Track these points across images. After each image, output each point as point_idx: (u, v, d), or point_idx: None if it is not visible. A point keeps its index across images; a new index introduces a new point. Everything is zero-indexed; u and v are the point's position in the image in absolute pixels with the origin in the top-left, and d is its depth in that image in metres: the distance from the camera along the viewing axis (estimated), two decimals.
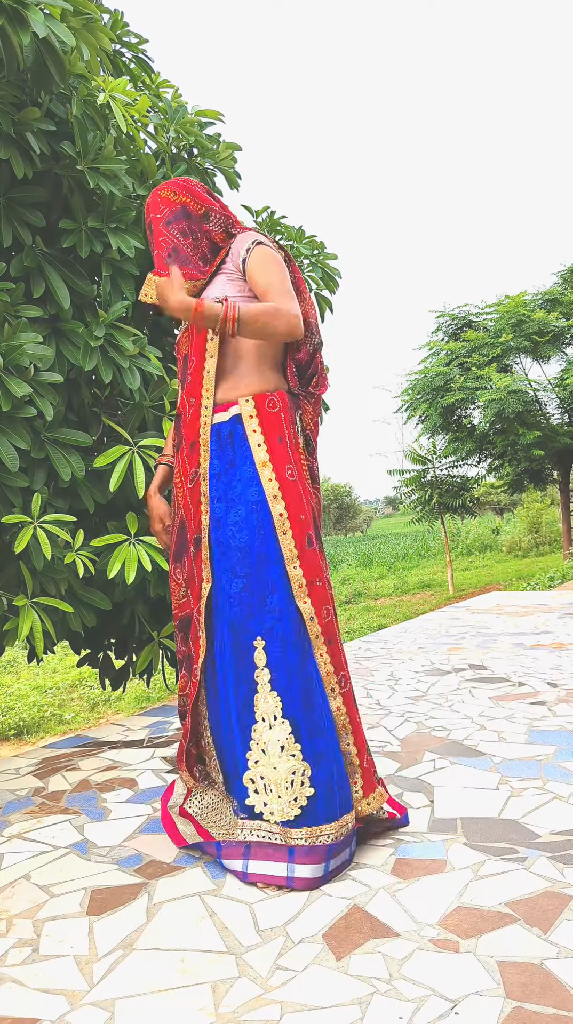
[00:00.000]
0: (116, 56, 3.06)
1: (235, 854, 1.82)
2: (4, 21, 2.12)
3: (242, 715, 1.86)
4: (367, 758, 1.93)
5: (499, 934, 1.46)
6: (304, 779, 1.79)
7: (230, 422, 1.95)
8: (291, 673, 1.83)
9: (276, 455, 1.92)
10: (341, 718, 1.89)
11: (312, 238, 3.57)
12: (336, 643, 1.92)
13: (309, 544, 1.90)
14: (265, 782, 1.82)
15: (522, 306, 11.02)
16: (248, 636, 1.86)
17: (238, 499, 1.92)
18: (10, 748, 5.38)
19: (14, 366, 2.32)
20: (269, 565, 1.88)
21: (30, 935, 1.57)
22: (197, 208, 2.06)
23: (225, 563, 1.91)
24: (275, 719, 1.82)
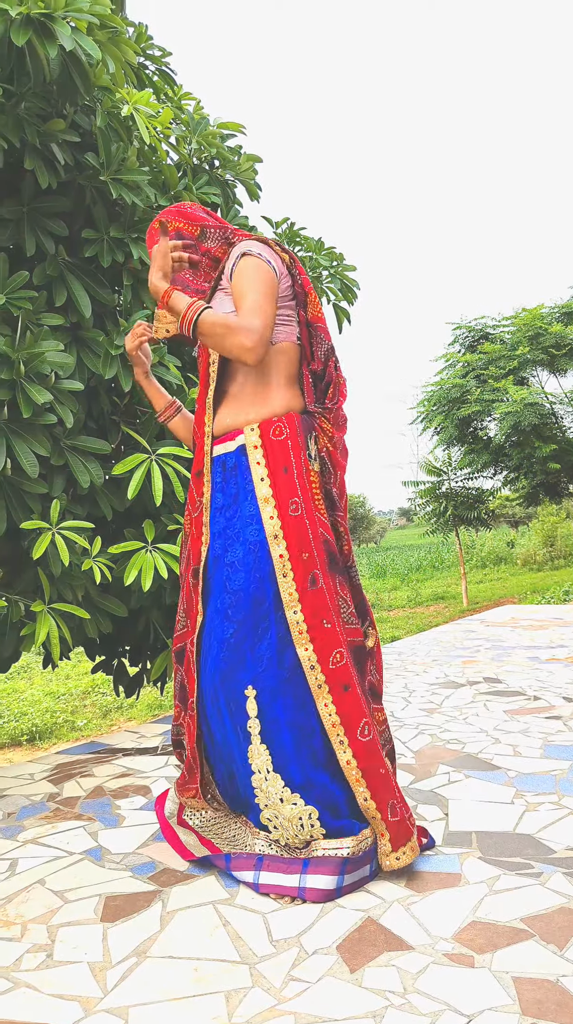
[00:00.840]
0: (140, 69, 3.09)
1: (246, 865, 1.79)
2: (32, 34, 2.15)
3: (244, 765, 1.79)
4: (394, 811, 1.76)
5: (514, 950, 1.45)
6: (313, 821, 1.73)
7: (235, 453, 1.86)
8: (281, 726, 1.74)
9: (280, 489, 1.80)
10: (351, 772, 1.74)
11: (331, 249, 3.59)
12: (353, 689, 1.77)
13: (312, 584, 1.77)
14: (279, 820, 1.76)
15: (539, 319, 11.00)
16: (238, 684, 1.78)
17: (236, 538, 1.82)
18: (23, 753, 5.40)
19: (35, 373, 2.34)
20: (264, 611, 1.77)
21: (44, 940, 1.58)
22: (192, 230, 2.00)
23: (218, 605, 1.83)
24: (269, 772, 1.76)
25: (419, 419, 11.95)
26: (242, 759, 1.79)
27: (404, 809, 1.80)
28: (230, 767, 1.84)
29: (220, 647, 1.80)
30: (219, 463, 1.89)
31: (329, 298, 3.60)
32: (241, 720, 1.78)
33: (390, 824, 1.75)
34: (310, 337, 1.94)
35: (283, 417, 1.86)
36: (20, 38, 2.12)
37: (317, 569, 1.79)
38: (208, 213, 2.05)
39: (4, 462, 2.30)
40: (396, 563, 20.70)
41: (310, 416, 1.92)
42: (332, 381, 1.97)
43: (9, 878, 1.88)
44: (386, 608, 11.80)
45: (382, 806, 1.75)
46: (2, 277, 2.35)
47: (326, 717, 1.75)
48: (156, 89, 3.21)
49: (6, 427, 2.32)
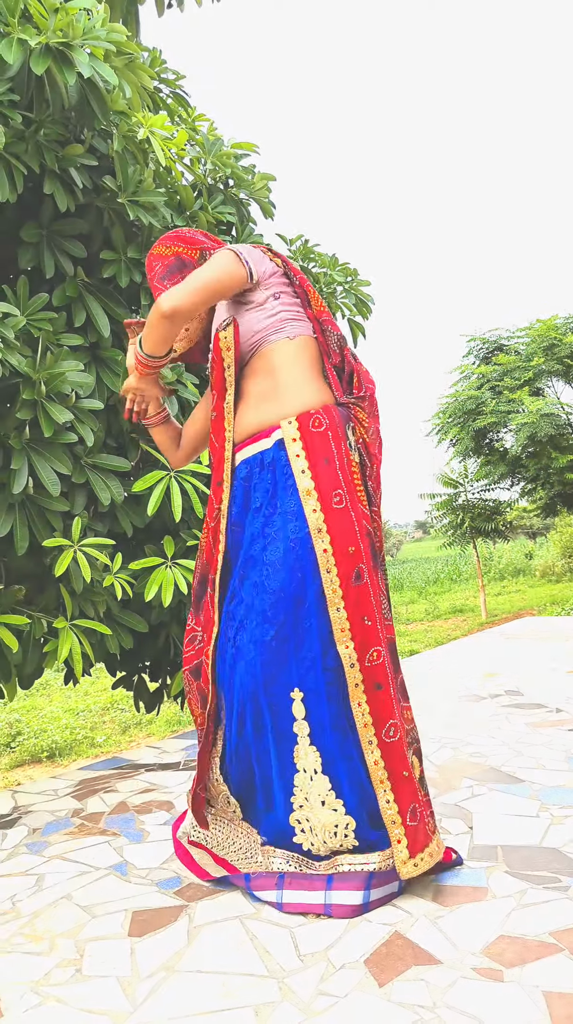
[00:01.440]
0: (155, 92, 3.15)
1: (268, 884, 1.76)
2: (51, 62, 2.20)
3: (282, 764, 1.76)
4: (414, 814, 1.74)
5: (544, 964, 1.44)
6: (348, 832, 1.72)
7: (273, 448, 1.81)
8: (330, 726, 1.73)
9: (322, 480, 1.76)
10: (377, 772, 1.72)
11: (345, 265, 3.62)
12: (385, 688, 1.75)
13: (357, 579, 1.74)
14: (310, 824, 1.75)
15: (553, 329, 10.98)
16: (283, 687, 1.74)
17: (276, 535, 1.78)
18: (43, 770, 5.41)
19: (56, 393, 2.37)
20: (306, 609, 1.74)
21: (73, 955, 1.59)
22: (191, 253, 1.99)
23: (257, 606, 1.78)
24: (316, 773, 1.73)
25: (435, 431, 11.94)
26: (279, 760, 1.76)
27: (425, 814, 1.77)
28: (262, 771, 1.80)
29: (259, 649, 1.75)
30: (256, 462, 1.84)
31: (344, 313, 3.63)
32: (284, 723, 1.74)
33: (408, 829, 1.71)
34: (323, 333, 1.93)
35: (321, 408, 1.83)
36: (40, 67, 2.17)
37: (362, 563, 1.76)
38: (207, 236, 2.05)
39: (26, 481, 2.33)
40: (413, 576, 20.62)
41: (345, 408, 1.89)
42: (354, 370, 1.94)
43: (36, 893, 1.89)
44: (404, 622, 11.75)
45: (403, 809, 1.72)
46: (23, 299, 2.39)
47: (359, 717, 1.72)
48: (171, 112, 3.27)
49: (28, 446, 2.35)
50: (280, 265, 1.93)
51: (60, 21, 2.21)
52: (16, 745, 5.35)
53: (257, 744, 1.80)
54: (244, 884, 1.80)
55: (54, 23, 2.21)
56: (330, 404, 1.86)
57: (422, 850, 1.72)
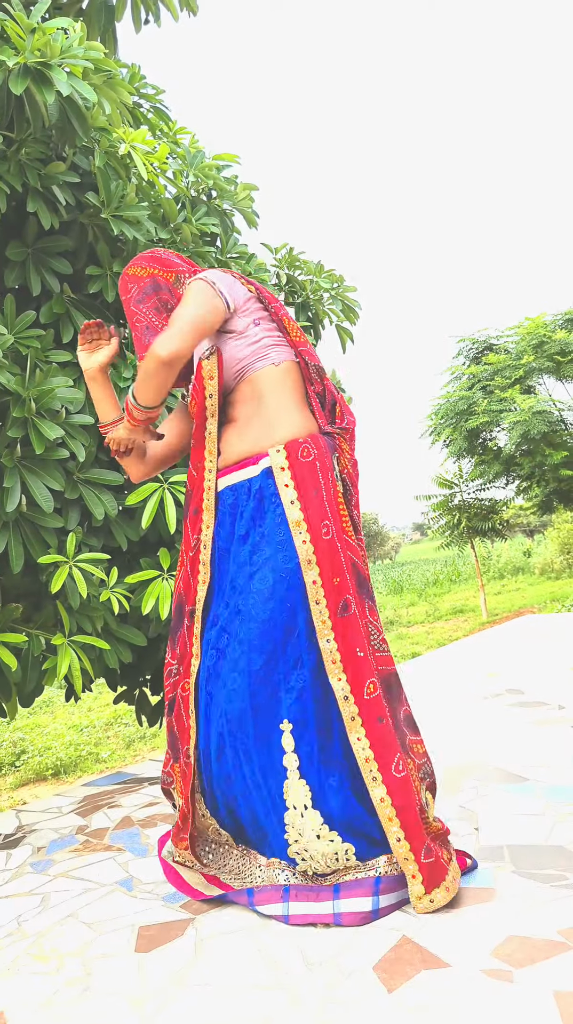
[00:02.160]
0: (135, 108, 3.17)
1: (273, 898, 1.72)
2: (30, 82, 2.21)
3: (272, 801, 1.73)
4: (429, 852, 1.67)
5: (554, 963, 1.44)
6: (349, 856, 1.70)
7: (260, 476, 1.79)
8: (319, 758, 1.70)
9: (311, 512, 1.74)
10: (385, 810, 1.66)
11: (331, 272, 3.63)
12: (387, 721, 1.71)
13: (344, 611, 1.72)
14: (309, 854, 1.71)
15: (542, 327, 11.03)
16: (272, 718, 1.71)
17: (265, 564, 1.75)
18: (48, 787, 5.40)
19: (46, 410, 2.38)
20: (296, 640, 1.71)
21: (80, 973, 1.58)
22: (167, 276, 1.96)
23: (243, 636, 1.75)
24: (306, 808, 1.70)
25: (428, 433, 11.97)
26: (269, 796, 1.73)
27: (437, 852, 1.70)
28: (248, 805, 1.78)
29: (247, 679, 1.73)
30: (242, 489, 1.82)
31: (331, 319, 3.64)
32: (272, 756, 1.72)
33: (423, 867, 1.65)
34: (303, 361, 1.91)
35: (308, 437, 1.82)
36: (18, 87, 2.18)
37: (349, 594, 1.74)
38: (183, 261, 2.03)
39: (20, 499, 2.33)
40: (412, 578, 20.62)
41: (330, 437, 1.88)
42: (336, 400, 1.94)
43: (42, 912, 1.88)
44: (405, 624, 11.75)
45: (416, 847, 1.66)
46: (10, 317, 2.40)
47: (359, 752, 1.68)
48: (152, 126, 3.29)
49: (20, 464, 2.36)
50: (253, 291, 1.91)
51: (38, 41, 2.23)
52: (21, 764, 5.34)
53: (242, 778, 1.77)
54: (247, 900, 1.76)
55: (31, 43, 2.22)
56: (317, 433, 1.86)
57: (438, 885, 1.66)
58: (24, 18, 2.23)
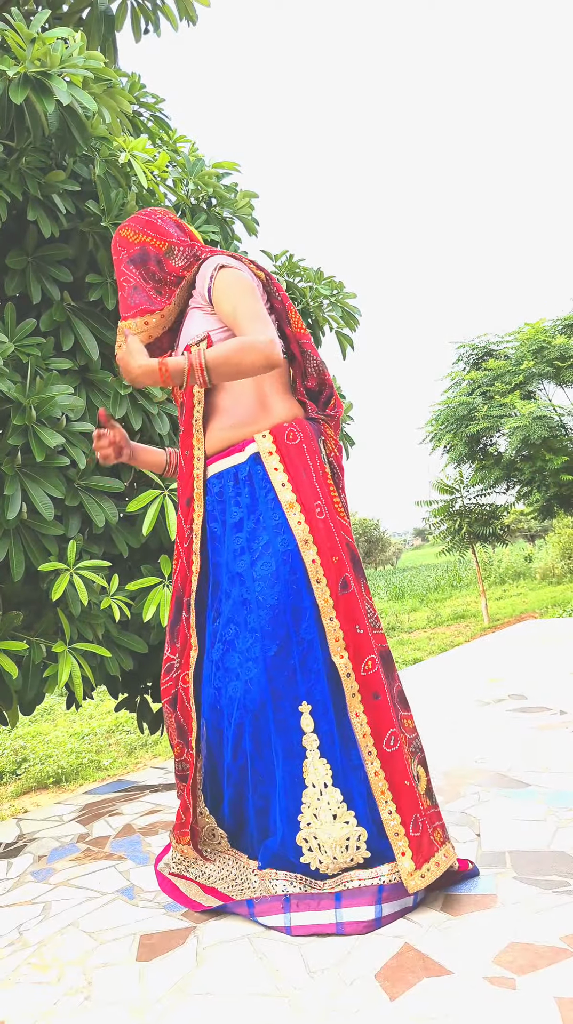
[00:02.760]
0: (135, 117, 3.18)
1: (274, 909, 1.71)
2: (30, 92, 2.22)
3: (290, 782, 1.72)
4: (417, 825, 1.70)
5: (556, 969, 1.43)
6: (360, 843, 1.69)
7: (248, 462, 1.80)
8: (338, 736, 1.71)
9: (303, 493, 1.76)
10: (378, 783, 1.69)
11: (331, 278, 3.64)
12: (383, 697, 1.73)
13: (343, 588, 1.74)
14: (318, 842, 1.70)
15: (542, 333, 11.04)
16: (290, 701, 1.72)
17: (265, 550, 1.75)
18: (50, 796, 5.39)
19: (47, 417, 2.38)
20: (306, 621, 1.72)
21: (81, 983, 1.57)
22: (159, 246, 1.88)
23: (254, 624, 1.75)
24: (326, 787, 1.70)
25: (428, 439, 11.97)
26: (288, 778, 1.72)
27: (430, 825, 1.72)
28: (261, 794, 1.78)
29: (263, 666, 1.72)
30: (230, 476, 1.82)
31: (331, 326, 3.65)
32: (292, 738, 1.72)
33: (411, 840, 1.67)
34: (301, 352, 1.91)
35: (293, 422, 1.83)
36: (18, 96, 2.20)
37: (347, 573, 1.76)
38: (178, 226, 1.95)
39: (20, 507, 2.33)
40: (414, 584, 20.60)
41: (315, 422, 1.90)
42: (331, 394, 1.95)
43: (43, 921, 1.88)
44: (406, 630, 11.73)
45: (406, 820, 1.68)
46: (10, 326, 2.40)
47: (358, 727, 1.71)
48: (151, 135, 3.30)
49: (21, 472, 2.36)
50: (263, 279, 1.90)
51: (38, 51, 2.24)
52: (22, 772, 5.32)
53: (257, 766, 1.76)
54: (247, 911, 1.74)
55: (32, 53, 2.24)
56: (301, 418, 1.87)
57: (428, 860, 1.68)
58: (24, 28, 2.24)
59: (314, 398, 1.94)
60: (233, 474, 1.82)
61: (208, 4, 3.57)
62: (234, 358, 1.66)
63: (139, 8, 3.51)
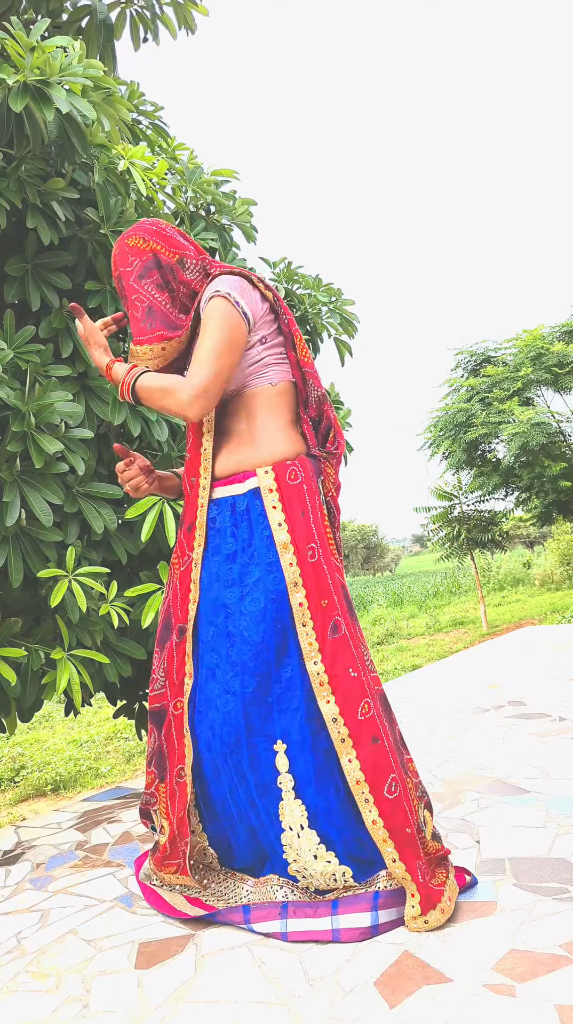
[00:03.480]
0: (134, 124, 3.19)
1: (270, 915, 1.69)
2: (29, 100, 2.23)
3: (269, 822, 1.71)
4: (424, 872, 1.67)
5: (556, 977, 1.43)
6: (346, 879, 1.68)
7: (247, 496, 1.78)
8: (315, 778, 1.68)
9: (298, 534, 1.74)
10: (378, 832, 1.65)
11: (329, 286, 3.65)
12: (382, 741, 1.69)
13: (334, 632, 1.71)
14: (308, 872, 1.69)
15: (540, 339, 11.07)
16: (265, 739, 1.70)
17: (256, 586, 1.74)
18: (48, 803, 5.37)
19: (46, 424, 2.39)
20: (288, 661, 1.71)
21: (80, 991, 1.57)
22: (170, 256, 1.83)
23: (236, 658, 1.73)
24: (302, 828, 1.69)
25: (427, 445, 11.99)
26: (265, 817, 1.72)
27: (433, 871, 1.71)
28: (246, 825, 1.76)
29: (240, 701, 1.72)
30: (226, 505, 1.81)
31: (330, 333, 3.66)
32: (266, 776, 1.71)
33: (420, 886, 1.64)
34: (303, 381, 1.88)
35: (296, 460, 1.81)
36: (18, 104, 2.21)
37: (338, 616, 1.74)
38: (188, 240, 1.90)
39: (19, 513, 2.33)
40: (413, 590, 20.60)
41: (316, 460, 1.87)
42: (332, 426, 1.92)
43: (41, 929, 1.87)
44: (405, 637, 11.73)
45: (411, 868, 1.65)
46: (9, 333, 2.41)
47: (349, 773, 1.67)
48: (150, 143, 3.31)
49: (19, 478, 2.36)
50: (270, 299, 1.84)
51: (37, 59, 2.25)
52: (20, 779, 5.31)
53: (237, 802, 1.76)
54: (242, 918, 1.72)
55: (31, 61, 2.25)
56: (304, 456, 1.84)
57: (434, 907, 1.64)
58: (24, 37, 2.26)
59: (315, 428, 1.91)
60: (230, 504, 1.81)
61: (206, 13, 3.59)
62: (156, 396, 1.74)
63: (138, 17, 3.53)
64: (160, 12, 3.55)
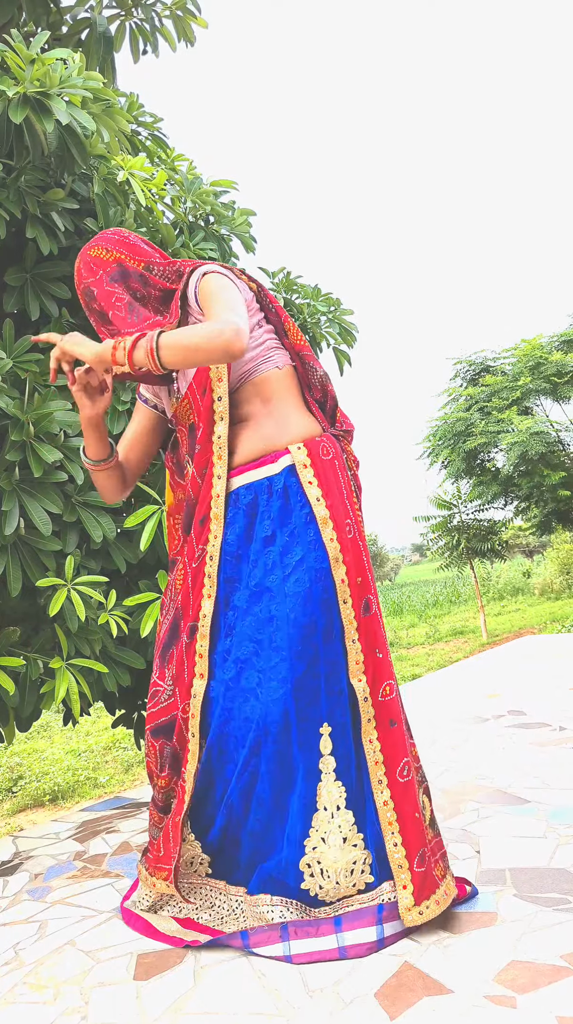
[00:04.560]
0: (133, 135, 3.21)
1: (271, 939, 1.63)
2: (29, 111, 2.25)
3: (303, 804, 1.66)
4: (422, 860, 1.66)
5: (556, 988, 1.42)
6: (365, 867, 1.67)
7: (283, 474, 1.73)
8: (353, 760, 1.68)
9: (336, 510, 1.71)
10: (386, 814, 1.66)
11: (328, 295, 3.66)
12: (399, 725, 1.71)
13: (366, 610, 1.70)
14: (322, 867, 1.66)
15: (539, 349, 11.10)
16: (313, 723, 1.67)
17: (299, 565, 1.69)
18: (46, 813, 5.35)
19: (45, 433, 2.39)
20: (333, 642, 1.68)
21: (78, 1003, 1.55)
22: (135, 263, 1.79)
23: (281, 642, 1.67)
24: (338, 809, 1.66)
25: (426, 454, 12.01)
26: (299, 800, 1.67)
27: (434, 859, 1.70)
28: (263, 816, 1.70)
29: (290, 686, 1.66)
30: (262, 488, 1.74)
31: (329, 342, 3.67)
32: (311, 760, 1.67)
33: (414, 875, 1.64)
34: (302, 364, 1.87)
35: (323, 436, 1.79)
36: (18, 116, 2.22)
37: (370, 594, 1.72)
38: (152, 248, 1.87)
39: (18, 522, 2.33)
40: (412, 599, 20.58)
41: (337, 439, 1.85)
42: (336, 404, 1.92)
43: (39, 940, 1.86)
44: (405, 646, 11.71)
45: (411, 854, 1.65)
46: (9, 342, 2.41)
47: (370, 754, 1.68)
48: (150, 153, 3.33)
49: (18, 487, 2.36)
50: (255, 290, 1.85)
51: (37, 71, 2.26)
52: (18, 789, 5.29)
53: (261, 788, 1.70)
54: (241, 943, 1.66)
55: (31, 73, 2.26)
56: (329, 434, 1.84)
57: (428, 897, 1.64)
58: (24, 49, 2.27)
59: (322, 408, 1.90)
60: (266, 486, 1.75)
61: (206, 26, 3.61)
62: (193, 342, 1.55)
63: (138, 30, 3.56)
64: (160, 25, 3.57)
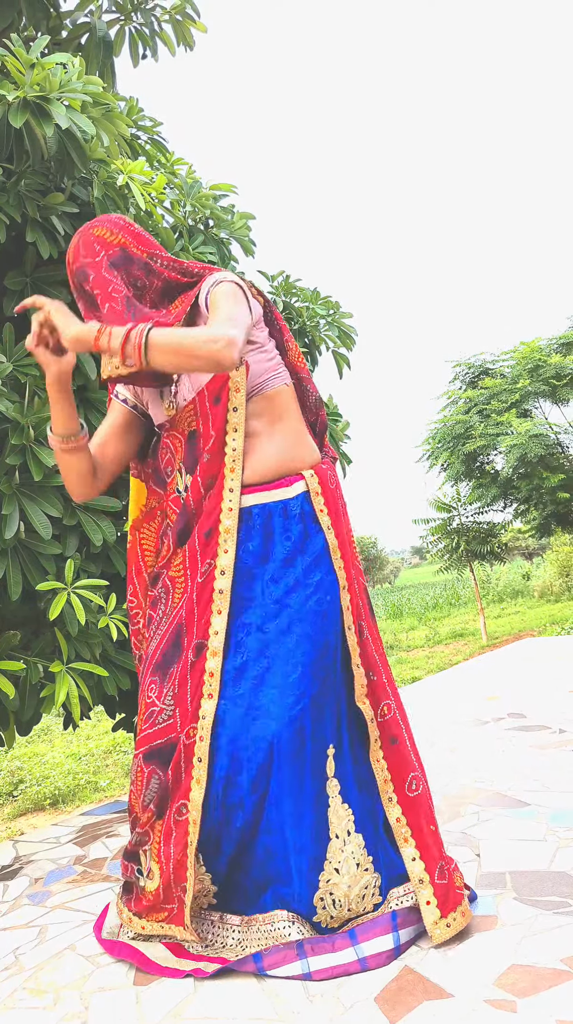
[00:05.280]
0: (133, 140, 3.22)
1: (288, 958, 1.57)
2: (29, 115, 2.25)
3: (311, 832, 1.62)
4: (442, 873, 1.66)
5: (557, 992, 1.42)
6: (375, 890, 1.67)
7: (299, 499, 1.72)
8: (354, 781, 1.68)
9: (341, 538, 1.75)
10: (401, 830, 1.68)
11: (327, 299, 3.67)
12: (401, 742, 1.74)
13: (361, 635, 1.75)
14: (334, 898, 1.63)
15: (538, 351, 11.10)
16: (321, 744, 1.65)
17: (319, 586, 1.69)
18: (47, 817, 5.34)
19: (45, 437, 2.39)
20: (341, 663, 1.71)
21: (78, 1008, 1.55)
22: (140, 252, 1.72)
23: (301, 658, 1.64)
24: (349, 834, 1.65)
25: (425, 457, 12.00)
26: (312, 827, 1.62)
27: (449, 875, 1.67)
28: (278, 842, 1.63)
29: (309, 705, 1.63)
30: (277, 510, 1.71)
31: (328, 345, 3.67)
32: (319, 783, 1.64)
33: (438, 888, 1.62)
34: (299, 386, 1.88)
35: (326, 464, 1.82)
36: (18, 120, 2.22)
37: (363, 620, 1.78)
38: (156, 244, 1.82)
39: (18, 526, 2.33)
40: (412, 602, 20.56)
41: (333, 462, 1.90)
42: (325, 430, 1.95)
43: (39, 945, 1.85)
44: (405, 649, 11.70)
45: (431, 867, 1.64)
46: (9, 346, 2.42)
47: (378, 772, 1.71)
48: (149, 157, 3.33)
49: (18, 491, 2.36)
50: (262, 305, 1.82)
51: (37, 76, 2.27)
52: (19, 794, 5.27)
53: (271, 813, 1.63)
54: (254, 967, 1.57)
55: (31, 78, 2.27)
56: (327, 460, 1.86)
57: (454, 909, 1.62)
58: (24, 53, 2.27)
59: (313, 432, 1.91)
60: (281, 508, 1.72)
61: (205, 30, 3.62)
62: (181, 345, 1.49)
63: (137, 34, 3.56)
64: (159, 29, 3.58)
